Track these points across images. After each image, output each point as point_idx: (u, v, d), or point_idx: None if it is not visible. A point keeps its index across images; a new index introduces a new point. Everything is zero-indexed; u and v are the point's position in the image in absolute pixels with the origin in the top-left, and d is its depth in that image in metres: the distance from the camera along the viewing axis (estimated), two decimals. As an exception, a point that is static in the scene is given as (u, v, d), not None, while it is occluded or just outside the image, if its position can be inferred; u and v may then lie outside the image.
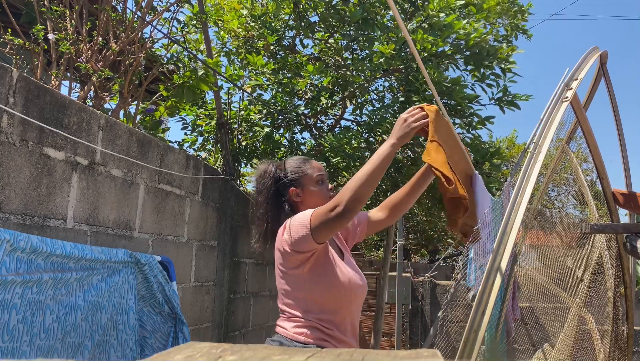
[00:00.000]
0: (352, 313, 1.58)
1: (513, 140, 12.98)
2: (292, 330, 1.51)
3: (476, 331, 1.39)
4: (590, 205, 2.38)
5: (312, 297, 1.51)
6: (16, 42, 2.28)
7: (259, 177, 1.69)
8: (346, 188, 1.41)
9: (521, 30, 4.01)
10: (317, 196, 1.64)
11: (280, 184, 1.65)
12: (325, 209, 1.42)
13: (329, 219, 1.40)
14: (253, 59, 3.73)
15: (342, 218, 1.39)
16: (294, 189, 1.64)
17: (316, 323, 1.50)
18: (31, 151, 1.84)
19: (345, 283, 1.52)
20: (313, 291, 1.51)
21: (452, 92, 3.59)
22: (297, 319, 1.51)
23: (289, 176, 1.66)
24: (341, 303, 1.52)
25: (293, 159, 1.73)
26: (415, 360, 0.44)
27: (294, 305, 1.53)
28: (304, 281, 1.51)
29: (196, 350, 0.46)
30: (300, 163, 1.69)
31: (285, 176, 1.66)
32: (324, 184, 1.68)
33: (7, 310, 1.52)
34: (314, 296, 1.51)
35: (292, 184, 1.65)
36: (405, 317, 6.73)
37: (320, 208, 1.44)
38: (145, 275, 2.20)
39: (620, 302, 2.49)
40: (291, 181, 1.65)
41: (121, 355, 2.03)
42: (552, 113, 1.79)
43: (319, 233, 1.43)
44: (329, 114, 4.56)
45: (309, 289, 1.51)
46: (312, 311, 1.50)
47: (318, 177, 1.66)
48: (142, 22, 2.86)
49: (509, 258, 1.50)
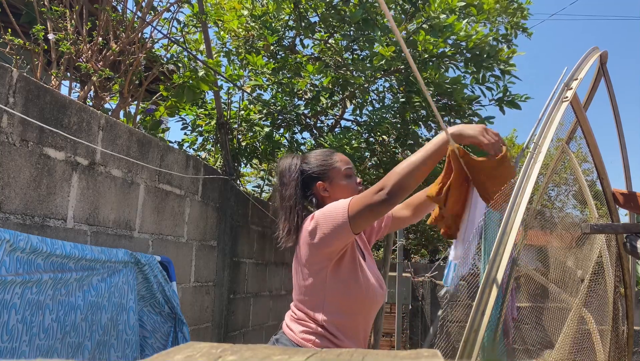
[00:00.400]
0: (367, 319, 1.53)
1: (513, 140, 12.99)
2: (299, 335, 1.45)
3: (476, 331, 1.39)
4: (590, 205, 2.38)
5: (331, 297, 1.44)
6: (16, 42, 2.28)
7: (284, 170, 1.61)
8: (394, 171, 1.33)
9: (521, 28, 4.01)
10: (346, 190, 1.56)
11: (307, 177, 1.58)
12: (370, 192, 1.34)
13: (372, 203, 1.32)
14: (253, 59, 3.73)
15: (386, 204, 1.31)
16: (322, 184, 1.57)
17: (326, 331, 1.43)
18: (31, 151, 1.84)
19: (366, 287, 1.47)
20: (335, 290, 1.44)
21: (453, 93, 3.59)
22: (307, 323, 1.45)
23: (315, 169, 1.58)
24: (360, 307, 1.47)
25: (317, 151, 1.65)
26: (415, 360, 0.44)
27: (310, 304, 1.46)
28: (327, 279, 1.44)
29: (196, 350, 0.46)
30: (327, 156, 1.61)
31: (310, 169, 1.59)
32: (352, 178, 1.60)
33: (7, 310, 1.52)
34: (334, 296, 1.44)
35: (319, 178, 1.57)
36: (405, 317, 6.73)
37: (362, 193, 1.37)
38: (145, 275, 2.20)
39: (620, 302, 2.49)
40: (318, 175, 1.58)
41: (121, 355, 2.03)
42: (552, 113, 1.79)
43: (358, 221, 1.35)
44: (329, 114, 4.57)
45: (331, 287, 1.44)
46: (327, 312, 1.44)
47: (346, 170, 1.59)
48: (142, 22, 2.86)
49: (508, 258, 1.50)
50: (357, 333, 1.49)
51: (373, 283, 1.49)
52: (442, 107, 3.84)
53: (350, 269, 1.46)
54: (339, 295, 1.44)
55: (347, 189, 1.57)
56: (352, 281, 1.45)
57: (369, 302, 1.48)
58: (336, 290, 1.44)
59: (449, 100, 3.74)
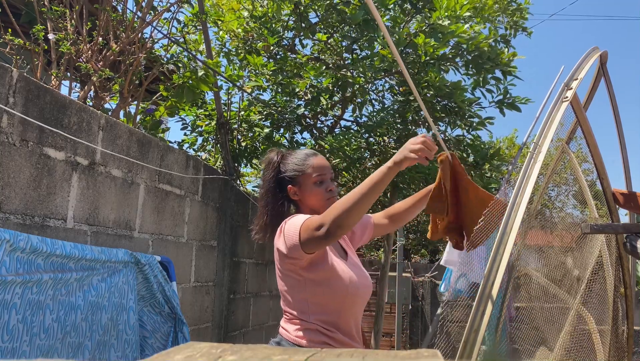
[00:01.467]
0: (356, 314, 1.54)
1: (513, 140, 12.98)
2: (294, 333, 1.48)
3: (476, 332, 1.39)
4: (590, 205, 2.38)
5: (313, 299, 1.48)
6: (16, 42, 2.28)
7: (264, 168, 1.66)
8: (334, 206, 1.35)
9: (520, 27, 4.01)
10: (315, 197, 1.59)
11: (280, 178, 1.61)
12: (312, 225, 1.36)
13: (314, 238, 1.35)
14: (253, 59, 3.73)
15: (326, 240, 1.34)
16: (292, 188, 1.60)
17: (318, 326, 1.46)
18: (31, 151, 1.84)
19: (347, 283, 1.48)
20: (314, 292, 1.47)
21: (453, 95, 3.60)
22: (299, 321, 1.49)
23: (288, 172, 1.61)
24: (343, 304, 1.48)
25: (297, 153, 1.65)
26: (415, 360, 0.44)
27: (295, 306, 1.50)
28: (304, 283, 1.48)
29: (196, 350, 0.46)
30: (302, 160, 1.62)
31: (285, 171, 1.61)
32: (322, 185, 1.60)
33: (7, 310, 1.52)
34: (315, 297, 1.47)
35: (291, 182, 1.60)
36: (405, 317, 6.73)
37: (309, 221, 1.38)
38: (145, 275, 2.20)
39: (620, 302, 2.49)
40: (289, 179, 1.60)
41: (121, 355, 2.03)
42: (552, 113, 1.79)
43: (308, 246, 1.38)
44: (329, 115, 4.56)
45: (310, 290, 1.48)
46: (313, 313, 1.47)
47: (317, 177, 1.59)
48: (142, 22, 2.86)
49: (509, 257, 1.50)
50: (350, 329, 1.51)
51: (352, 276, 1.50)
52: (442, 109, 3.84)
53: (326, 269, 1.47)
54: (320, 296, 1.47)
55: (316, 197, 1.58)
56: (331, 280, 1.47)
57: (353, 297, 1.49)
58: (317, 292, 1.47)
59: (449, 102, 3.74)
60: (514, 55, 3.72)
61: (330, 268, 1.48)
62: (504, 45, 3.92)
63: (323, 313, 1.47)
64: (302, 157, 1.63)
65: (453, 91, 3.56)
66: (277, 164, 1.62)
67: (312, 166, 1.60)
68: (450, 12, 3.43)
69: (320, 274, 1.47)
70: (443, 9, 3.44)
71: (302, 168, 1.60)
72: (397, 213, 1.81)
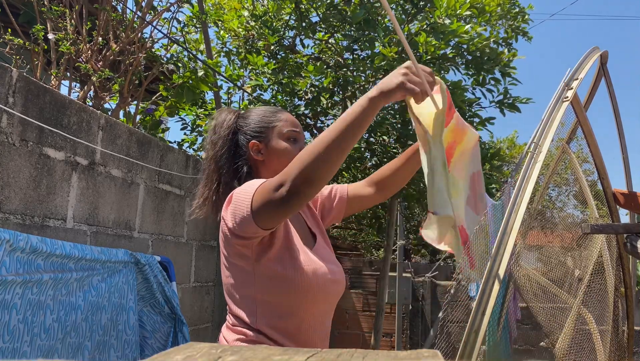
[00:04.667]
0: (322, 318, 1.19)
1: (514, 140, 12.99)
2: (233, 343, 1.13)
3: (476, 332, 1.39)
4: (590, 205, 2.38)
5: (262, 296, 1.12)
6: (16, 42, 2.28)
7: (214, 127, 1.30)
8: (298, 157, 0.99)
9: (521, 32, 4.01)
10: (284, 155, 1.24)
11: (240, 135, 1.28)
12: (269, 186, 1.01)
13: (271, 202, 0.99)
14: (253, 59, 3.73)
15: (289, 203, 0.98)
16: (256, 143, 1.25)
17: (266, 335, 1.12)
18: (31, 151, 1.83)
19: (309, 277, 1.12)
20: (265, 287, 1.12)
21: (453, 95, 3.60)
22: (241, 329, 1.14)
23: (251, 127, 1.27)
24: (300, 303, 1.12)
25: (262, 108, 1.34)
26: (415, 360, 0.44)
27: (241, 305, 1.15)
28: (253, 274, 1.12)
29: (196, 350, 0.45)
30: (272, 112, 1.31)
31: (247, 126, 1.28)
32: (296, 143, 1.28)
33: (8, 310, 1.52)
34: (265, 294, 1.12)
35: (254, 137, 1.26)
36: (406, 317, 6.73)
37: (267, 183, 1.03)
38: (145, 275, 2.20)
39: (621, 302, 2.49)
40: (253, 134, 1.26)
41: (121, 355, 2.03)
42: (552, 113, 1.79)
43: (262, 218, 1.02)
44: (330, 115, 4.56)
45: (259, 284, 1.12)
46: (262, 316, 1.12)
47: (290, 132, 1.27)
48: (142, 22, 2.86)
49: (509, 258, 1.50)
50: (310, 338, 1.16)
51: (319, 268, 1.14)
52: None
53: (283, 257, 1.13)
54: (271, 292, 1.12)
55: (285, 155, 1.23)
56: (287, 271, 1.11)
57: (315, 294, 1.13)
58: (269, 286, 1.12)
59: (449, 101, 3.74)
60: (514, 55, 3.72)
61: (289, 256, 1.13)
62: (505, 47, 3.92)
63: (274, 317, 1.12)
64: (270, 110, 1.33)
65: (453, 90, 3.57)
66: (235, 121, 1.30)
67: (283, 120, 1.29)
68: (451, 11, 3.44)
69: (274, 263, 1.12)
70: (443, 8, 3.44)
71: (271, 120, 1.28)
72: (383, 177, 1.43)
